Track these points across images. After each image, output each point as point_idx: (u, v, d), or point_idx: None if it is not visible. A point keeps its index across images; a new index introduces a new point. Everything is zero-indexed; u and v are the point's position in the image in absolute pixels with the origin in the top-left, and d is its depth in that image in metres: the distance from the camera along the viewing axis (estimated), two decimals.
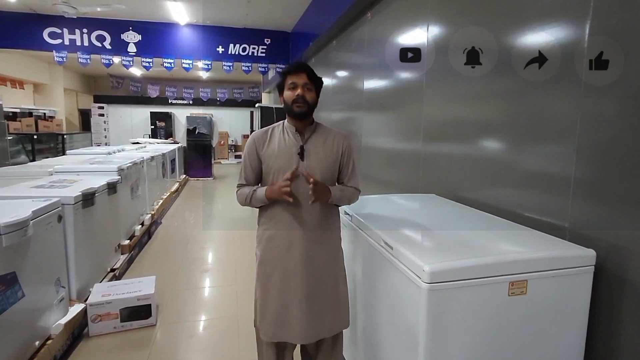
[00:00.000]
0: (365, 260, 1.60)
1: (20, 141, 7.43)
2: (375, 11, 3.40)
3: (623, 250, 1.22)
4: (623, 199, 1.22)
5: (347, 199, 1.60)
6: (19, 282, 1.86)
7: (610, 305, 1.26)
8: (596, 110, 1.31)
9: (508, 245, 1.35)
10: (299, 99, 1.50)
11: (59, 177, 3.14)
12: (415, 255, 1.17)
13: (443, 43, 2.29)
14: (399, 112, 2.97)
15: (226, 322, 2.63)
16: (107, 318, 2.43)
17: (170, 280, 3.28)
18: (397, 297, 1.29)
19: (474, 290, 1.12)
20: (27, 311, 1.94)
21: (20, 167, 3.81)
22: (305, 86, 1.52)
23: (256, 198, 1.55)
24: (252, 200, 1.56)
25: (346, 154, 1.61)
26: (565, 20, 1.42)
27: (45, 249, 2.14)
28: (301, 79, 1.51)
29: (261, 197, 1.53)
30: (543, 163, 1.54)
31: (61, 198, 2.35)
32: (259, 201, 1.55)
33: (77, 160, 4.18)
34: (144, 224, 4.33)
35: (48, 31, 6.11)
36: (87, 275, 2.65)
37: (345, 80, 4.45)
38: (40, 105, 9.88)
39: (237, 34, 6.83)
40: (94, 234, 2.80)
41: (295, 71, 1.52)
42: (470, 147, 2.03)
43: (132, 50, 6.45)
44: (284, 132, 1.59)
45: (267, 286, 1.57)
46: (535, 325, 1.20)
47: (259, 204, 1.57)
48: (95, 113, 11.96)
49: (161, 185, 5.88)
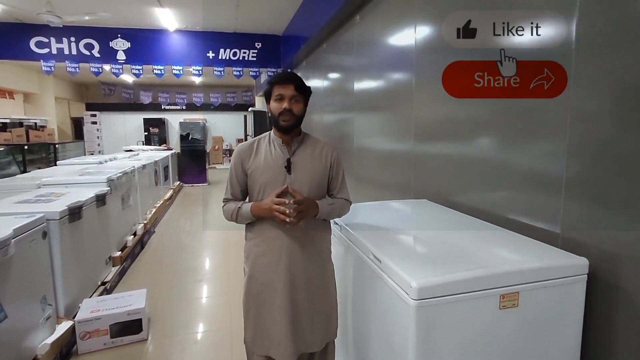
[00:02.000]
0: (355, 272, 1.56)
1: (11, 152, 7.33)
2: (364, 14, 3.37)
3: (616, 256, 1.19)
4: (615, 203, 1.19)
5: (337, 212, 1.56)
6: (0, 304, 1.80)
7: (605, 315, 1.23)
8: (585, 110, 1.28)
9: (499, 256, 1.31)
10: (286, 112, 1.45)
11: (46, 191, 3.08)
12: (403, 270, 1.13)
13: (431, 43, 2.26)
14: (389, 113, 2.94)
15: (219, 334, 2.58)
16: (96, 335, 2.38)
17: (163, 291, 3.22)
18: (386, 311, 1.26)
19: (464, 304, 1.09)
20: (11, 332, 1.88)
21: (8, 181, 3.75)
22: (293, 98, 1.46)
23: (242, 215, 1.50)
24: (238, 217, 1.51)
25: (335, 165, 1.56)
26: (552, 19, 1.39)
27: (30, 267, 2.08)
28: (288, 91, 1.45)
29: (247, 215, 1.49)
30: (534, 166, 1.51)
31: (46, 213, 2.30)
32: (245, 218, 1.51)
33: (67, 171, 4.12)
34: (136, 234, 4.27)
35: (35, 40, 6.05)
36: (75, 290, 2.59)
37: (337, 82, 4.42)
38: (31, 115, 9.79)
39: (228, 39, 6.79)
40: (82, 248, 2.74)
41: (282, 82, 1.46)
42: (460, 148, 2.01)
43: (122, 57, 6.39)
44: (271, 144, 1.54)
45: (257, 302, 1.53)
46: (528, 338, 1.16)
47: (245, 221, 1.53)
48: (88, 121, 11.87)
49: (154, 193, 5.82)
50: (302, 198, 1.41)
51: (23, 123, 8.61)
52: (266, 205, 1.43)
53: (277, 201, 1.40)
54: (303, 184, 1.48)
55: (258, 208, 1.46)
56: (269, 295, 1.50)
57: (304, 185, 1.48)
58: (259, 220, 1.51)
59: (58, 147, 8.81)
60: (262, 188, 1.49)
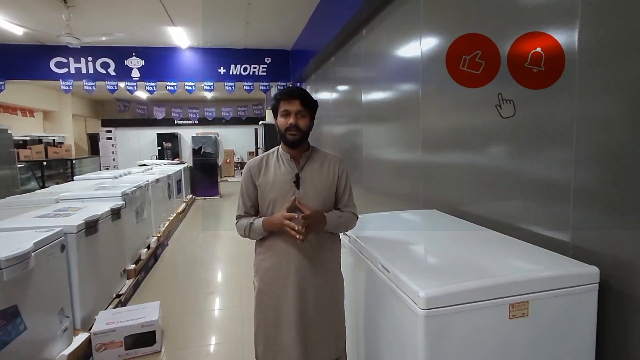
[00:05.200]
0: (365, 283, 1.57)
1: (30, 168, 7.58)
2: (370, 28, 3.43)
3: (629, 265, 1.18)
4: (625, 210, 1.19)
5: (345, 225, 1.58)
6: (21, 315, 1.86)
7: (619, 324, 1.21)
8: (593, 117, 1.28)
9: (507, 265, 1.31)
10: (292, 128, 1.47)
11: (64, 205, 3.17)
12: (411, 280, 1.14)
13: (437, 55, 2.29)
14: (397, 124, 2.97)
15: (231, 347, 2.59)
16: (111, 347, 2.42)
17: (176, 304, 3.26)
18: (395, 322, 1.26)
19: (473, 314, 1.09)
20: (30, 343, 1.93)
21: (28, 196, 3.87)
22: (299, 113, 1.48)
23: (254, 230, 1.52)
24: (251, 232, 1.53)
25: (342, 179, 1.58)
26: (555, 29, 1.41)
27: (48, 280, 2.14)
28: (294, 106, 1.47)
29: (259, 230, 1.50)
30: (542, 175, 1.51)
31: (64, 227, 2.37)
32: (257, 234, 1.53)
33: (84, 186, 4.24)
34: (150, 247, 4.34)
35: (55, 61, 6.31)
36: (91, 303, 2.65)
37: (345, 94, 4.48)
38: (49, 132, 10.13)
39: (238, 55, 6.96)
40: (98, 260, 2.81)
41: (288, 98, 1.48)
42: (468, 158, 2.01)
43: (136, 75, 6.60)
44: (279, 159, 1.56)
45: (266, 316, 1.54)
46: (540, 348, 1.15)
47: (258, 236, 1.55)
48: (104, 137, 12.19)
49: (167, 206, 5.92)
50: (310, 212, 1.42)
51: (42, 140, 8.90)
52: (277, 220, 1.44)
53: (287, 216, 1.41)
54: (311, 197, 1.49)
55: (269, 223, 1.48)
56: (279, 310, 1.51)
57: (312, 199, 1.49)
58: (268, 235, 1.52)
59: (75, 163, 9.08)
60: (272, 203, 1.51)
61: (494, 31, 1.75)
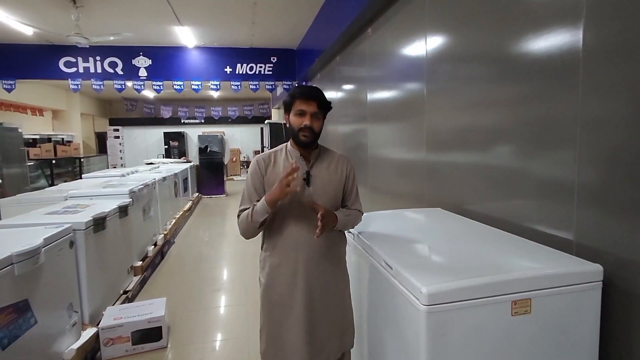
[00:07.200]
0: (369, 280, 1.58)
1: (40, 166, 7.69)
2: (375, 27, 3.44)
3: (632, 263, 1.18)
4: (629, 209, 1.18)
5: (352, 223, 1.59)
6: (32, 309, 1.90)
7: (624, 322, 1.21)
8: (597, 117, 1.28)
9: (510, 262, 1.31)
10: (306, 129, 1.44)
11: (73, 202, 3.22)
12: (413, 276, 1.15)
13: (441, 53, 2.29)
14: (402, 123, 2.97)
15: (236, 343, 2.62)
16: (119, 341, 2.46)
17: (182, 300, 3.30)
18: (398, 318, 1.27)
19: (475, 311, 1.10)
20: (40, 337, 1.97)
21: (38, 193, 3.93)
22: (314, 115, 1.44)
23: (257, 211, 1.42)
24: (254, 214, 1.43)
25: (350, 178, 1.59)
26: (560, 28, 1.41)
27: (58, 275, 2.19)
28: (311, 108, 1.43)
29: (262, 206, 1.41)
30: (546, 173, 1.51)
31: (73, 224, 2.41)
32: (260, 212, 1.42)
33: (92, 183, 4.30)
34: (156, 244, 4.39)
35: (64, 60, 6.39)
36: (99, 298, 2.69)
37: (350, 93, 4.49)
38: (58, 131, 10.27)
39: (244, 54, 6.99)
40: (106, 257, 2.85)
41: (305, 98, 1.43)
42: (472, 157, 2.01)
43: (143, 74, 6.66)
44: (288, 157, 1.54)
45: (273, 313, 1.54)
46: (543, 345, 1.16)
47: (262, 216, 1.43)
48: (111, 135, 12.34)
49: (174, 204, 5.97)
50: (324, 211, 1.40)
51: (51, 139, 9.03)
52: (277, 185, 1.37)
53: (286, 174, 1.34)
54: (321, 195, 1.50)
55: (270, 195, 1.40)
56: (285, 306, 1.51)
57: (322, 196, 1.50)
58: (276, 230, 1.51)
59: (83, 161, 9.20)
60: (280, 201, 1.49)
61: (498, 30, 1.76)
